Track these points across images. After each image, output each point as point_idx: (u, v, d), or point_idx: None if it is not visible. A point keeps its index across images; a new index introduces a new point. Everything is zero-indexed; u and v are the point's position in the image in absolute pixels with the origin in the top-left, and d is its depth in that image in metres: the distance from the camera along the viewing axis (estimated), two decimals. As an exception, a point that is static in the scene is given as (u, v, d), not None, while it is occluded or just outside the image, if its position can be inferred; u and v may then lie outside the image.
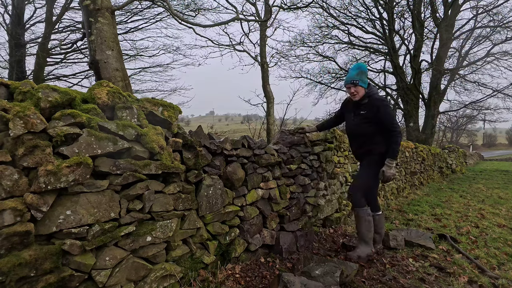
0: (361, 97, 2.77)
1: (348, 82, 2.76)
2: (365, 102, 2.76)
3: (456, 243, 3.35)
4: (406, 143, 7.12)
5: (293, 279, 1.99)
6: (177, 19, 5.87)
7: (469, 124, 33.17)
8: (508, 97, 13.72)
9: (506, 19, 11.87)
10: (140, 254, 1.71)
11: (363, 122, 2.79)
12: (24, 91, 1.37)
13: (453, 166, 11.62)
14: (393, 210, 4.89)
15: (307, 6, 8.86)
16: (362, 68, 2.77)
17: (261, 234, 2.65)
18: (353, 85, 2.73)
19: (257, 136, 9.74)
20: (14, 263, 1.20)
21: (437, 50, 12.67)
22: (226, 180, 2.32)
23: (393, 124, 2.68)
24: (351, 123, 2.93)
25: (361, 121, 2.80)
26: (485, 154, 35.33)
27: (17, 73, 8.28)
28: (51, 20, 8.79)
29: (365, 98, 2.77)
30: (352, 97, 2.80)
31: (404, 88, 12.67)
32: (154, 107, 1.88)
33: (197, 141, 2.08)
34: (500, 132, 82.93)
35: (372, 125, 2.75)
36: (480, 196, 6.80)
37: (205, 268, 2.12)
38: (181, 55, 21.20)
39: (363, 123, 2.79)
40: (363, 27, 13.79)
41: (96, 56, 3.61)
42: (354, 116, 2.87)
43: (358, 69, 2.76)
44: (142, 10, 9.61)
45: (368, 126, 2.77)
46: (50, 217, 1.35)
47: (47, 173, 1.29)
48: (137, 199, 1.70)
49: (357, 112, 2.84)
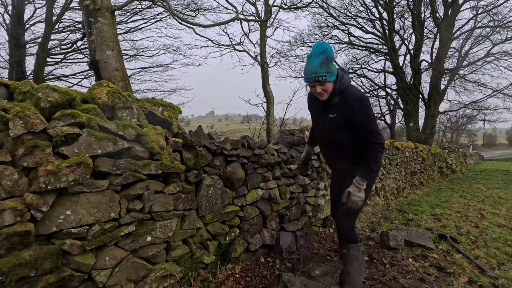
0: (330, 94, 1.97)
1: (311, 80, 1.88)
2: (335, 102, 1.98)
3: (456, 243, 3.35)
4: (406, 143, 7.12)
5: (293, 279, 2.00)
6: (177, 19, 5.87)
7: (469, 124, 33.21)
8: (508, 97, 13.74)
9: (506, 19, 11.87)
10: (140, 254, 1.71)
11: (333, 129, 2.04)
12: (24, 91, 1.37)
13: (453, 166, 11.62)
14: (393, 210, 4.89)
15: (307, 6, 8.87)
16: (328, 52, 1.84)
17: (261, 234, 2.65)
18: (319, 83, 1.88)
19: (257, 136, 9.74)
20: (14, 263, 1.20)
21: (437, 50, 12.67)
22: (226, 180, 2.32)
23: (373, 131, 1.91)
24: (319, 129, 2.19)
25: (332, 127, 2.05)
26: (485, 154, 35.32)
27: (17, 73, 8.27)
28: (51, 20, 8.79)
29: (335, 96, 1.97)
30: (319, 97, 2.00)
31: (404, 88, 12.66)
32: (154, 107, 1.88)
33: (197, 141, 2.08)
34: (500, 132, 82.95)
35: (347, 131, 2.00)
36: (480, 196, 6.80)
37: (205, 268, 2.12)
38: (181, 55, 21.20)
39: (333, 130, 2.04)
40: (363, 27, 13.79)
41: (96, 56, 3.61)
42: (323, 119, 2.11)
43: (323, 54, 1.84)
44: (142, 10, 9.61)
45: (343, 133, 2.01)
46: (50, 217, 1.35)
47: (47, 173, 1.29)
48: (137, 199, 1.70)
49: (325, 115, 2.08)
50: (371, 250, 3.03)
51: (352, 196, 1.91)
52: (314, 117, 2.28)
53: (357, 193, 1.91)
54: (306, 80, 1.93)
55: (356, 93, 1.95)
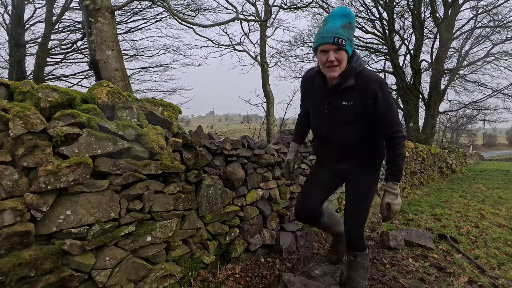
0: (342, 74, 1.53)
1: (327, 41, 1.45)
2: (350, 85, 1.53)
3: (456, 243, 3.35)
4: (406, 143, 7.11)
5: (293, 279, 2.00)
6: (177, 19, 5.87)
7: (469, 124, 33.24)
8: (508, 97, 13.73)
9: (506, 19, 11.87)
10: (140, 254, 1.71)
11: (347, 121, 1.59)
12: (24, 91, 1.37)
13: (453, 166, 11.62)
14: (393, 210, 4.88)
15: (307, 6, 8.85)
16: (351, 17, 1.49)
17: (261, 234, 2.65)
18: (336, 45, 1.44)
19: (257, 136, 9.74)
20: (14, 263, 1.20)
21: (437, 50, 12.67)
22: (226, 180, 2.32)
23: (397, 124, 1.58)
24: (322, 120, 1.72)
25: (344, 119, 1.59)
26: (485, 154, 35.32)
27: (17, 73, 8.27)
28: (51, 20, 8.79)
29: (350, 78, 1.53)
30: (328, 71, 1.52)
31: (404, 88, 12.67)
32: (154, 107, 1.88)
33: (197, 141, 2.08)
34: (500, 132, 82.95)
35: (363, 125, 1.60)
36: (480, 196, 6.80)
37: (205, 268, 2.12)
38: (181, 55, 21.18)
39: (346, 122, 1.59)
40: (363, 27, 13.79)
41: (96, 56, 3.61)
42: (331, 108, 1.62)
43: (346, 17, 1.47)
44: (142, 10, 9.61)
45: (357, 127, 1.60)
46: (50, 217, 1.35)
47: (47, 173, 1.29)
48: (137, 199, 1.70)
49: (335, 103, 1.60)
50: (371, 250, 3.03)
51: (393, 206, 1.64)
52: (313, 104, 1.76)
53: (396, 201, 1.64)
54: (320, 42, 1.47)
55: (377, 76, 1.56)
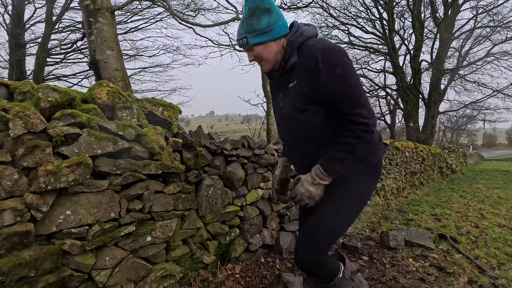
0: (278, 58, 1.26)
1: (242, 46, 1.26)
2: (293, 63, 1.23)
3: (456, 243, 3.35)
4: (406, 143, 7.12)
5: (293, 279, 2.00)
6: (177, 19, 5.87)
7: (469, 124, 33.23)
8: (508, 97, 13.76)
9: (506, 19, 11.90)
10: (140, 254, 1.71)
11: (295, 107, 1.26)
12: (24, 91, 1.37)
13: (453, 166, 11.62)
14: (393, 210, 4.89)
15: (307, 6, 8.87)
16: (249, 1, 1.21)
17: (261, 234, 2.65)
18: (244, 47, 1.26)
19: (257, 136, 9.74)
20: (14, 263, 1.20)
21: (437, 50, 12.68)
22: (226, 180, 2.32)
23: (358, 104, 1.15)
24: (278, 117, 1.46)
25: (293, 104, 1.27)
26: (485, 154, 35.34)
27: (17, 73, 8.28)
28: (51, 20, 8.80)
29: (292, 56, 1.23)
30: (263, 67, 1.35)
31: (404, 88, 12.67)
32: (154, 107, 1.88)
33: (197, 141, 2.08)
34: (500, 132, 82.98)
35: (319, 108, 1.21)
36: (480, 196, 6.80)
37: (205, 268, 2.12)
38: (181, 55, 21.31)
39: (295, 108, 1.26)
40: (363, 27, 13.81)
41: (96, 56, 3.62)
42: (284, 96, 1.34)
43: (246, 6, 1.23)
44: (142, 10, 9.63)
45: (312, 112, 1.23)
46: (50, 217, 1.35)
47: (47, 173, 1.29)
48: (137, 199, 1.70)
49: (284, 88, 1.32)
50: (371, 250, 3.02)
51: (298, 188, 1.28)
52: (274, 99, 1.47)
53: (308, 186, 1.25)
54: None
55: (323, 43, 1.18)
